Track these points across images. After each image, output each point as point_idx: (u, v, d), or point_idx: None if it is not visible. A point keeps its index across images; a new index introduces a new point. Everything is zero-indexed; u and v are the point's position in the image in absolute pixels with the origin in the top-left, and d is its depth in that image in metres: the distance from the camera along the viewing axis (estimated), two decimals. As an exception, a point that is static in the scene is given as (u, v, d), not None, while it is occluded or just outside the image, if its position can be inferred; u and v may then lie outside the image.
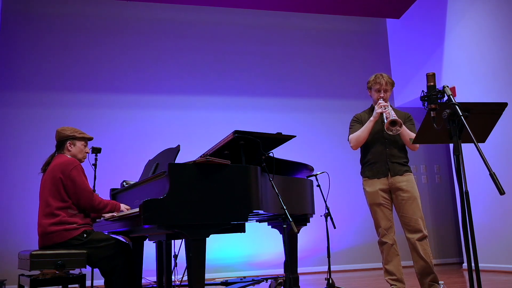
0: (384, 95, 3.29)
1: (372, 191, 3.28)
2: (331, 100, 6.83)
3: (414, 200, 3.19)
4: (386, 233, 3.25)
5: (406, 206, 3.18)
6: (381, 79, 3.31)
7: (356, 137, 3.33)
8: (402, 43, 7.05)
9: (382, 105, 3.20)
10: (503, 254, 5.09)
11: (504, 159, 5.11)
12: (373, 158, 3.32)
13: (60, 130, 3.08)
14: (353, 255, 6.36)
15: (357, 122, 3.43)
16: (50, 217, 2.81)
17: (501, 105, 2.31)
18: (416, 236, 3.13)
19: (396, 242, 3.27)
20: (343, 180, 6.39)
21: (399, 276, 3.22)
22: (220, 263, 5.87)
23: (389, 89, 3.33)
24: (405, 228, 3.21)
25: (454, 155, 1.79)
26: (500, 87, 5.18)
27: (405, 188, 3.20)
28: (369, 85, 3.39)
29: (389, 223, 3.26)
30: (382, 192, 3.25)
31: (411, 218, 3.16)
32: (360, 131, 3.31)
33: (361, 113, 3.48)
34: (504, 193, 1.63)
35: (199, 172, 2.48)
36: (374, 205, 3.28)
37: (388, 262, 3.25)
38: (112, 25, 6.28)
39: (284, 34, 6.87)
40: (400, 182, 3.22)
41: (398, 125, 3.05)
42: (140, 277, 3.44)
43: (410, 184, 3.22)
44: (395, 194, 3.24)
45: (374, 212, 3.29)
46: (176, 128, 6.16)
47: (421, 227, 3.14)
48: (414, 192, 3.21)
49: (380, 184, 3.26)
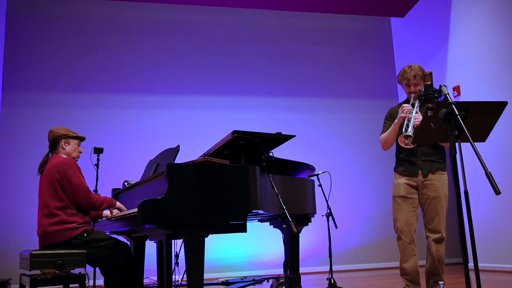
0: (414, 89, 3.11)
1: (399, 183, 3.16)
2: (335, 99, 6.81)
3: (439, 200, 3.07)
4: (404, 229, 3.09)
5: (430, 206, 3.08)
6: (409, 73, 3.11)
7: (384, 139, 3.22)
8: (406, 41, 7.01)
9: (405, 110, 3.01)
10: (506, 253, 5.05)
11: (507, 158, 5.06)
12: (404, 156, 3.18)
13: (53, 130, 3.10)
14: (356, 255, 6.33)
15: (389, 119, 3.28)
16: (49, 217, 2.83)
17: (501, 104, 2.28)
18: (434, 237, 3.05)
19: (414, 241, 3.12)
20: (346, 180, 6.36)
21: (413, 278, 3.11)
22: (223, 263, 5.87)
23: (419, 82, 3.11)
24: (425, 226, 3.12)
25: (451, 155, 1.77)
26: (504, 86, 5.13)
27: (434, 187, 3.08)
28: (398, 80, 3.23)
29: (411, 219, 3.10)
30: (409, 186, 3.13)
31: (434, 218, 3.07)
32: (387, 133, 3.18)
33: (395, 107, 3.31)
34: (499, 193, 1.62)
35: (198, 172, 2.48)
36: (397, 197, 3.15)
37: (404, 261, 3.13)
38: (114, 26, 6.30)
39: (287, 34, 6.85)
40: (431, 180, 3.09)
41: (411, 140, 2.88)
42: (141, 276, 3.46)
43: (439, 183, 3.09)
44: (422, 191, 3.12)
45: (396, 205, 3.15)
46: (178, 128, 6.17)
47: (441, 229, 3.05)
48: (441, 193, 3.08)
49: (409, 179, 3.13)
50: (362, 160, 6.54)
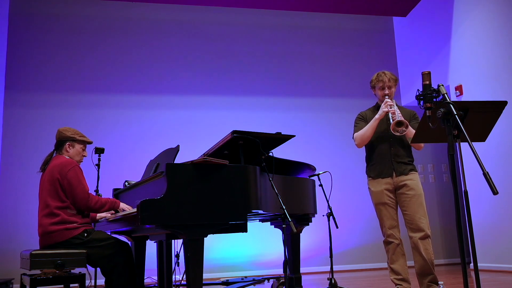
0: (389, 91, 3.25)
1: (377, 190, 3.25)
2: (337, 99, 6.79)
3: (418, 198, 3.14)
4: (391, 232, 3.21)
5: (410, 204, 3.14)
6: (384, 76, 3.26)
7: (361, 135, 3.30)
8: (408, 41, 6.99)
9: (388, 104, 3.15)
10: (507, 253, 5.03)
11: (508, 158, 5.04)
12: (378, 158, 3.29)
13: (61, 130, 3.11)
14: (357, 255, 6.32)
15: (362, 120, 3.40)
16: (50, 217, 2.84)
17: (500, 103, 2.28)
18: (419, 235, 3.09)
19: (402, 241, 3.24)
20: (348, 180, 6.36)
21: (404, 276, 3.18)
22: (224, 263, 5.88)
23: (393, 85, 3.28)
24: (408, 227, 3.17)
25: (449, 155, 1.77)
26: (507, 86, 5.11)
27: (410, 186, 3.17)
28: (372, 84, 3.36)
29: (394, 222, 3.23)
30: (387, 192, 3.22)
31: (414, 216, 3.12)
32: (365, 129, 3.27)
33: (366, 111, 3.45)
34: (497, 193, 1.61)
35: (197, 172, 2.48)
36: (379, 204, 3.25)
37: (394, 261, 3.21)
38: (115, 26, 6.31)
39: (288, 33, 6.85)
40: (405, 180, 3.19)
41: (404, 126, 3.00)
42: (141, 276, 3.47)
43: (414, 182, 3.19)
44: (399, 192, 3.21)
45: (379, 212, 3.26)
46: (179, 128, 6.17)
47: (423, 226, 3.09)
48: (418, 190, 3.17)
49: (385, 184, 3.23)
50: (363, 160, 6.47)
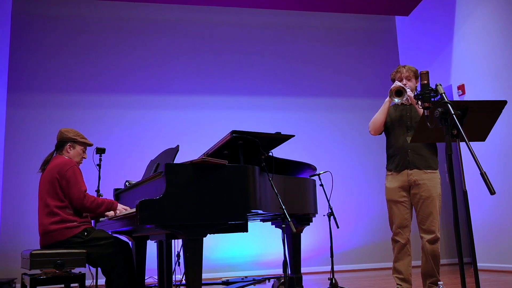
0: (407, 83, 3.16)
1: (391, 187, 3.19)
2: (339, 98, 6.78)
3: (432, 200, 3.06)
4: (399, 231, 3.16)
5: (422, 207, 3.08)
6: (402, 68, 3.21)
7: (373, 120, 3.26)
8: (411, 40, 6.97)
9: (398, 85, 3.06)
10: (508, 253, 5.01)
11: (508, 158, 5.02)
12: (394, 150, 3.20)
13: (63, 130, 3.12)
14: (358, 255, 6.31)
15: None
16: (50, 216, 2.85)
17: (500, 103, 2.27)
18: (428, 237, 3.06)
19: (410, 242, 3.18)
20: (348, 180, 6.34)
21: (406, 276, 3.16)
22: (225, 263, 5.87)
23: (412, 76, 3.19)
24: (419, 226, 3.13)
25: (446, 154, 1.76)
26: (509, 85, 5.09)
27: (424, 187, 3.08)
28: (391, 77, 3.28)
29: (405, 222, 3.15)
30: (401, 190, 3.15)
31: (427, 218, 3.06)
32: (377, 114, 3.24)
33: None
34: (494, 193, 1.60)
35: (196, 172, 2.48)
36: (390, 201, 3.20)
37: (398, 260, 3.18)
38: (117, 26, 6.33)
39: (290, 33, 6.84)
40: (421, 179, 3.09)
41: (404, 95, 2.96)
42: (142, 276, 3.47)
43: (431, 183, 3.08)
44: (413, 192, 3.13)
45: (390, 209, 3.21)
46: (179, 128, 6.18)
47: (434, 229, 3.05)
48: (434, 192, 3.07)
49: (400, 181, 3.15)
50: (364, 159, 6.51)
